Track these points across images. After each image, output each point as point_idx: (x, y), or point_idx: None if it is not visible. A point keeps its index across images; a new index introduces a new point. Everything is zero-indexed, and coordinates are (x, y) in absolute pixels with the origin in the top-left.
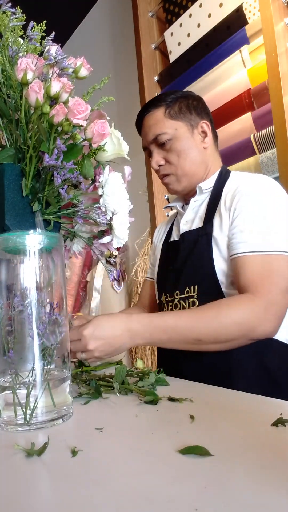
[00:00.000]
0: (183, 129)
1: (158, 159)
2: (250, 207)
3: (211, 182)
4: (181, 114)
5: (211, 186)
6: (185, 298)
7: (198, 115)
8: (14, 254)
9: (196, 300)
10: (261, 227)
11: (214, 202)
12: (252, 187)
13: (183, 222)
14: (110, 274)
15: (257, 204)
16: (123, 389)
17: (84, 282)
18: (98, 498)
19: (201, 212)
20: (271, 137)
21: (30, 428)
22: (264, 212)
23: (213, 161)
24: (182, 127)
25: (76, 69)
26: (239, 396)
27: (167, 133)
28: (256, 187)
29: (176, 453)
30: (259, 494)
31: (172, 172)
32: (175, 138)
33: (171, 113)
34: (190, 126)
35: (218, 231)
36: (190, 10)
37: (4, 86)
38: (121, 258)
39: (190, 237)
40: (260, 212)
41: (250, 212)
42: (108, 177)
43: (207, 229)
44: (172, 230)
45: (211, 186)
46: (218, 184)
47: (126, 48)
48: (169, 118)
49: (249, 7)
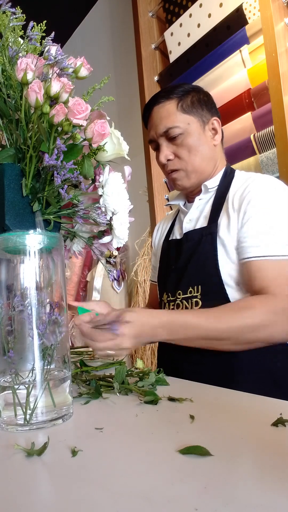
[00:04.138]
0: (195, 125)
1: (167, 153)
2: (262, 210)
3: (216, 181)
4: (194, 108)
5: (216, 185)
6: (188, 298)
7: (209, 111)
8: (14, 254)
9: (199, 301)
10: (275, 231)
11: (220, 202)
12: (263, 190)
13: (187, 221)
14: (110, 274)
15: (269, 208)
16: (123, 389)
17: (84, 282)
18: (98, 498)
19: (206, 211)
20: (271, 137)
21: (30, 428)
22: (277, 216)
23: (220, 160)
24: (195, 122)
25: (76, 69)
26: (239, 396)
27: (180, 127)
28: (267, 190)
29: (176, 453)
30: (259, 494)
31: (181, 167)
32: (187, 133)
33: (183, 106)
34: (202, 122)
35: (225, 231)
36: (190, 10)
37: (4, 86)
38: (121, 258)
39: (194, 236)
40: (273, 215)
41: (262, 216)
42: (108, 177)
43: (212, 228)
44: (173, 228)
45: (216, 185)
46: (224, 183)
47: (126, 48)
48: (182, 111)
49: (249, 7)
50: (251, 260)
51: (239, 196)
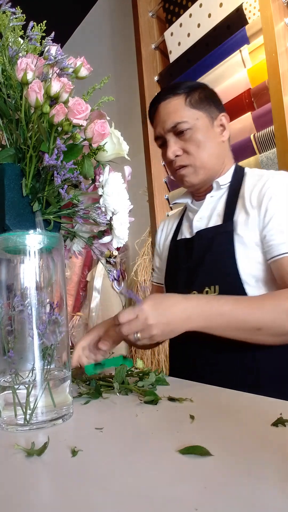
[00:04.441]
0: (204, 120)
1: (175, 148)
2: (285, 206)
3: (228, 177)
4: (202, 104)
5: (229, 181)
6: None
7: (217, 107)
8: (14, 254)
9: None
10: None
11: (234, 199)
12: (284, 186)
13: (197, 219)
14: (110, 274)
15: None
16: (123, 389)
17: (84, 282)
18: (98, 498)
19: (219, 208)
20: (271, 137)
21: (30, 428)
22: None
23: (229, 156)
24: (203, 117)
25: (76, 69)
26: (239, 396)
27: (188, 122)
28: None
29: (176, 453)
30: (259, 494)
31: (190, 163)
32: (195, 128)
33: (192, 101)
34: (210, 118)
35: (244, 228)
36: (190, 10)
37: (4, 86)
38: (121, 258)
39: (208, 234)
40: None
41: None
42: (108, 177)
43: (228, 226)
44: (180, 228)
45: (228, 182)
46: (236, 180)
47: (126, 48)
48: (190, 107)
49: (249, 7)
50: (284, 256)
51: (257, 192)
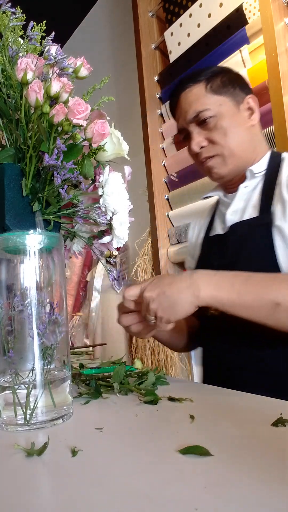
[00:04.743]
0: (228, 105)
1: (199, 140)
2: None
3: (263, 165)
4: (225, 88)
5: (264, 169)
6: None
7: (243, 90)
8: (14, 254)
9: None
10: None
11: (270, 188)
12: None
13: (230, 212)
14: (110, 274)
15: None
16: (123, 389)
17: (84, 282)
18: (98, 498)
19: (254, 199)
20: (271, 137)
21: (30, 428)
22: None
23: (261, 141)
24: (227, 102)
25: (76, 69)
26: (239, 396)
27: (211, 110)
28: None
29: (176, 453)
30: (259, 494)
31: (217, 152)
32: (220, 114)
33: (213, 87)
34: (235, 102)
35: (282, 220)
36: (190, 10)
37: (4, 86)
38: (121, 258)
39: (243, 228)
40: None
41: None
42: (108, 177)
43: (266, 218)
44: (212, 223)
45: (264, 169)
46: (272, 167)
47: (126, 48)
48: (212, 93)
49: (249, 7)
50: None
51: None
